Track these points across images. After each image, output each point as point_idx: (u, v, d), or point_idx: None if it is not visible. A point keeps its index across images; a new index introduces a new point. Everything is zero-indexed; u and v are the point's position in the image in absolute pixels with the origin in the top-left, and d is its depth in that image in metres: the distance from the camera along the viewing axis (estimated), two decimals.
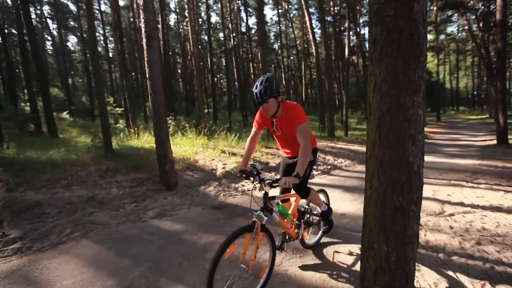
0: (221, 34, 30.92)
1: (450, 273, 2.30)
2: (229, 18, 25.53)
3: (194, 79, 26.63)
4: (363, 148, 9.26)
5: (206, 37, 27.29)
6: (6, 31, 23.01)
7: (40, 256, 2.73)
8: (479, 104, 39.36)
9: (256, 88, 2.01)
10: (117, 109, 11.22)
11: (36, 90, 14.70)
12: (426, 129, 16.48)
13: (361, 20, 26.01)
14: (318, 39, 20.41)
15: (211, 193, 4.59)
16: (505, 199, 4.07)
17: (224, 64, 32.97)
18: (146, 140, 7.79)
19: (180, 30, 31.31)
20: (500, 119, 9.62)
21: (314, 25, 20.34)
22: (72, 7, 27.10)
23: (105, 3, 27.60)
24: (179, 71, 37.09)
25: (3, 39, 21.10)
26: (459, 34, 34.53)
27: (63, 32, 27.22)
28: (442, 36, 33.63)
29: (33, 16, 23.79)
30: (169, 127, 9.21)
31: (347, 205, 4.03)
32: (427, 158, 7.26)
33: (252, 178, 2.03)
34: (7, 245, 2.86)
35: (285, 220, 2.28)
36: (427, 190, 4.60)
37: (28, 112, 11.45)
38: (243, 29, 26.98)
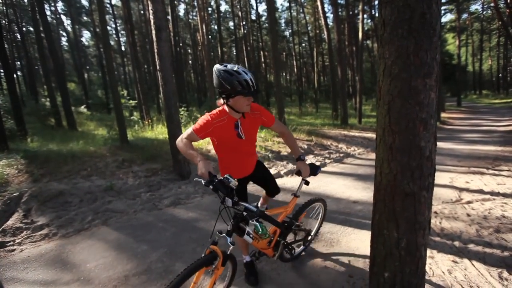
0: (231, 23, 30.54)
1: (466, 260, 2.26)
2: (238, 6, 25.07)
3: (205, 70, 26.66)
4: None
5: (216, 27, 27.06)
6: (24, 29, 23.82)
7: (65, 241, 2.91)
8: (504, 87, 37.05)
9: (247, 75, 1.57)
10: (131, 101, 11.49)
11: (55, 86, 15.26)
12: (445, 114, 15.79)
13: (376, 2, 24.80)
14: (331, 24, 19.70)
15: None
16: None
17: (234, 53, 32.69)
18: (160, 132, 7.97)
19: (190, 20, 31.13)
20: None
21: (326, 9, 19.62)
22: (85, 2, 27.51)
23: None
24: (190, 62, 37.16)
25: (21, 37, 21.87)
26: (484, 12, 32.24)
27: (77, 27, 27.81)
28: (465, 15, 31.54)
29: (48, 13, 24.40)
30: (182, 118, 9.37)
31: (360, 193, 3.99)
32: (445, 145, 7.00)
33: (222, 196, 1.47)
34: (35, 231, 3.07)
35: (261, 240, 1.81)
36: (444, 177, 4.47)
37: (48, 107, 11.95)
38: (253, 17, 26.49)
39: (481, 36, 35.68)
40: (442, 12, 24.29)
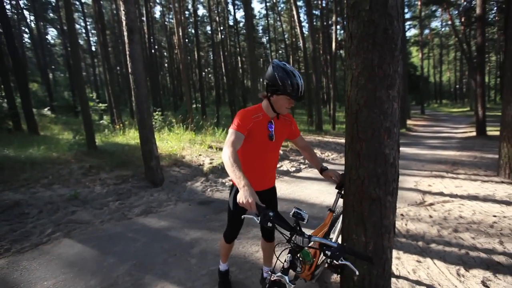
0: (208, 28, 30.39)
1: (428, 260, 2.40)
2: (216, 11, 25.07)
3: (181, 74, 26.18)
4: None
5: (193, 30, 26.76)
6: None
7: (20, 257, 2.65)
8: (461, 98, 40.71)
9: (300, 80, 1.51)
10: (101, 105, 10.91)
11: (14, 86, 14.05)
12: (410, 122, 16.93)
13: None
14: (306, 33, 20.41)
15: (198, 188, 4.57)
16: (481, 188, 4.26)
17: (211, 58, 32.50)
18: (132, 136, 7.63)
19: (166, 23, 30.50)
20: (479, 112, 10.00)
21: (302, 19, 20.33)
22: None
23: None
24: (166, 65, 36.29)
25: None
26: (443, 29, 35.43)
27: (42, 24, 25.99)
28: (427, 31, 34.37)
29: (8, 7, 22.57)
30: (155, 123, 9.07)
31: (333, 197, 4.10)
32: (411, 150, 7.43)
33: (290, 234, 1.23)
34: None
35: (305, 267, 1.55)
36: (409, 181, 4.75)
37: (5, 109, 10.93)
38: (231, 23, 26.61)
39: (441, 50, 39.06)
40: (407, 27, 26.26)
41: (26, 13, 26.19)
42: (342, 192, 1.81)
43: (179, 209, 3.84)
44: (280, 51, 36.70)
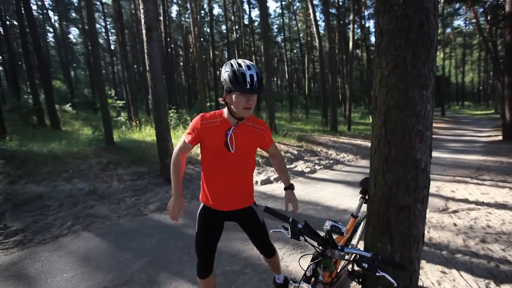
0: (223, 27, 30.57)
1: (454, 271, 2.26)
2: (231, 10, 25.15)
3: (196, 72, 26.47)
4: (366, 143, 9.18)
5: (208, 30, 27.01)
6: (7, 22, 22.89)
7: (41, 248, 2.73)
8: (484, 99, 38.82)
9: (250, 70, 1.32)
10: (119, 102, 11.20)
11: (39, 83, 14.69)
12: None
13: (366, 13, 25.50)
14: (322, 32, 20.08)
15: None
16: (510, 196, 4.00)
17: (226, 57, 32.67)
18: (148, 133, 7.77)
19: (182, 22, 30.94)
20: (507, 114, 9.44)
21: (318, 18, 20.04)
22: None
23: None
24: (181, 63, 36.84)
25: (4, 31, 21.01)
26: (466, 28, 33.85)
27: (65, 24, 27.05)
28: (449, 30, 32.99)
29: (34, 7, 23.64)
30: (171, 120, 9.19)
31: (349, 200, 3.99)
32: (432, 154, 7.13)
33: (322, 247, 1.19)
34: (8, 237, 2.87)
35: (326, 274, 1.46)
36: (430, 186, 4.55)
37: (31, 105, 11.44)
38: (246, 22, 26.62)
39: (464, 50, 37.37)
40: None
41: (50, 13, 27.33)
42: (366, 198, 1.71)
43: (193, 206, 3.85)
44: (295, 50, 36.39)
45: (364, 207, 1.79)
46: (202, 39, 26.50)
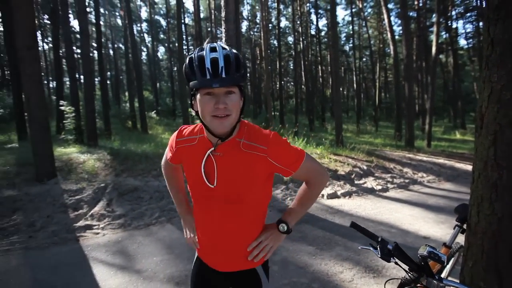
0: (290, 38, 31.16)
1: None
2: (298, 22, 25.51)
3: (262, 83, 27.56)
4: (451, 162, 7.92)
5: (275, 42, 27.92)
6: (115, 45, 28.52)
7: (137, 232, 3.27)
8: None
9: (214, 52, 0.83)
10: None
11: (133, 93, 17.73)
12: None
13: (453, 13, 22.34)
14: (397, 37, 18.43)
15: (278, 196, 4.67)
16: None
17: (292, 67, 33.08)
18: None
19: (251, 36, 32.89)
20: None
21: (392, 22, 18.46)
22: (163, 22, 31.69)
23: (187, 16, 31.29)
24: (248, 75, 38.92)
25: (113, 52, 26.16)
26: None
27: (155, 43, 32.04)
28: None
29: (135, 31, 28.88)
30: None
31: (432, 227, 3.51)
32: None
33: (416, 274, 1.04)
34: (115, 220, 3.52)
35: None
36: None
37: (127, 111, 13.90)
38: (313, 32, 26.55)
39: None
40: None
41: (145, 36, 32.77)
42: (464, 227, 1.51)
43: None
44: (364, 59, 34.34)
45: (460, 237, 1.58)
46: (269, 51, 27.59)
